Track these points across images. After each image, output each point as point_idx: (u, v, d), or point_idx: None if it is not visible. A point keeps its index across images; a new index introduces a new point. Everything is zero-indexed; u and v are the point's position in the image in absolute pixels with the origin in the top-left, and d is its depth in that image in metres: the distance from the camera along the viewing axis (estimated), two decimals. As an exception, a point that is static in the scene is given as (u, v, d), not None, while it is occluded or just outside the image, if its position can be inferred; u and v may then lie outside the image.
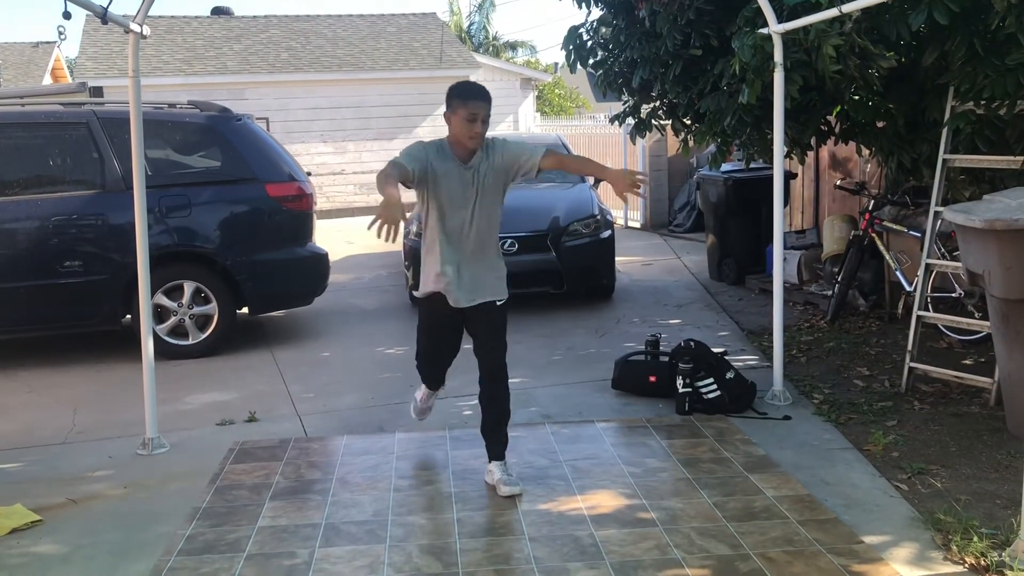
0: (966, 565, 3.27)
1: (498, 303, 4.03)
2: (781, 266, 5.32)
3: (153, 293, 5.67)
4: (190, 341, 6.68)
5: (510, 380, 4.09)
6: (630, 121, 7.03)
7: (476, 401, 4.15)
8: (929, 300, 5.69)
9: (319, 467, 4.44)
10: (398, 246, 9.05)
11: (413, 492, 4.07)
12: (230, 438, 4.88)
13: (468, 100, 3.81)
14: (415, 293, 4.15)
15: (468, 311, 4.01)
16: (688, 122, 6.69)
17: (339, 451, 4.65)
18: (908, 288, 6.43)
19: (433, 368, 4.42)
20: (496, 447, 4.11)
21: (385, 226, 3.32)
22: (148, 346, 4.77)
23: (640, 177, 3.81)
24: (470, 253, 3.96)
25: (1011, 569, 3.17)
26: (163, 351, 6.23)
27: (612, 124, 7.56)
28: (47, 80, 22.27)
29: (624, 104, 7.04)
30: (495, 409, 4.09)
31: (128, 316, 6.65)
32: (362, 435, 4.88)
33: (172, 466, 4.53)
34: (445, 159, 3.88)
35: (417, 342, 4.35)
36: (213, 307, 6.71)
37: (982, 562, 3.25)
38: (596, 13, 6.65)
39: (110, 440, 4.96)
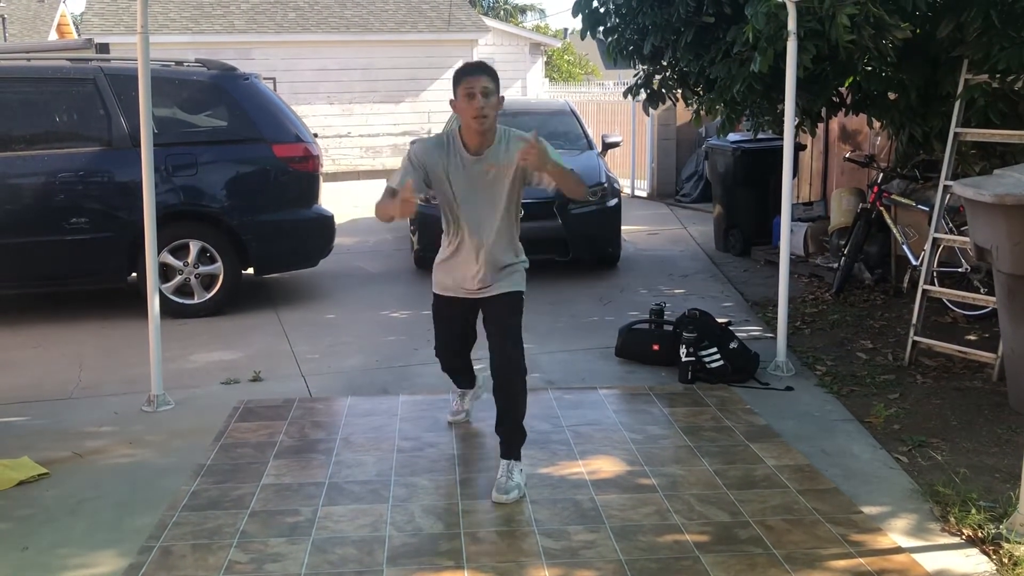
0: (963, 537, 3.30)
1: (511, 293, 3.78)
2: (788, 237, 5.30)
3: (159, 251, 5.67)
4: (195, 300, 6.70)
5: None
6: (642, 93, 6.96)
7: (482, 366, 4.16)
8: (935, 274, 5.69)
9: (323, 427, 4.47)
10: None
11: (416, 453, 4.10)
12: (235, 397, 4.91)
13: (462, 77, 3.56)
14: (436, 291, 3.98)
15: (482, 301, 3.82)
16: (699, 91, 6.64)
17: (343, 412, 4.68)
18: (914, 262, 6.42)
19: (447, 356, 4.19)
20: (504, 445, 3.77)
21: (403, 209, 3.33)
22: (154, 304, 4.78)
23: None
24: (484, 245, 3.72)
25: (1008, 541, 3.19)
26: (168, 309, 6.23)
27: (626, 98, 7.51)
28: (52, 36, 22.10)
29: (635, 76, 6.98)
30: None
31: (134, 274, 6.67)
32: (366, 396, 4.91)
33: (177, 423, 4.57)
34: (449, 154, 3.64)
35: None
36: (219, 267, 6.71)
37: (979, 534, 3.27)
38: (608, -22, 6.58)
39: (115, 396, 4.99)
